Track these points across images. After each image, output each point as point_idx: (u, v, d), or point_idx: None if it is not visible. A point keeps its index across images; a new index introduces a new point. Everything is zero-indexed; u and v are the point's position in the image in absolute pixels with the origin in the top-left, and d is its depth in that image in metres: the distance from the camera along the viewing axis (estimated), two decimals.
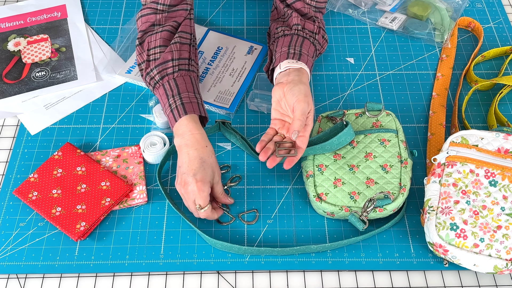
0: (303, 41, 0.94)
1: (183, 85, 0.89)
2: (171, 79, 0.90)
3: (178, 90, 0.88)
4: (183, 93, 0.88)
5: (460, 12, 1.18)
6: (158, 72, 0.90)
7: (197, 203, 0.82)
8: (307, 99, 0.84)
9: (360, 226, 0.81)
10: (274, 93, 0.88)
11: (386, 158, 0.88)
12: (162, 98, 0.90)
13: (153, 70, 0.91)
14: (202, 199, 0.82)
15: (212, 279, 0.82)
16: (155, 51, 0.92)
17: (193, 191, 0.81)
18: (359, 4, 1.20)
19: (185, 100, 0.87)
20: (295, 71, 0.88)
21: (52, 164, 0.92)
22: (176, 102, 0.87)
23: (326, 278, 0.83)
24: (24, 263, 0.83)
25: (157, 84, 0.91)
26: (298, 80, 0.87)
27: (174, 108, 0.87)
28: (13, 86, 1.05)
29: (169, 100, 0.88)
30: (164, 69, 0.90)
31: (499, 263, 0.76)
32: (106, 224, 0.87)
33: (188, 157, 0.83)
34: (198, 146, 0.84)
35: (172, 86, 0.89)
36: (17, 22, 1.17)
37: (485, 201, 0.80)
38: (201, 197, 0.81)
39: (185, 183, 0.82)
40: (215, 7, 1.21)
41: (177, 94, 0.88)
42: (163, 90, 0.90)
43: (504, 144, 0.84)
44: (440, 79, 1.07)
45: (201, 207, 0.82)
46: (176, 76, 0.90)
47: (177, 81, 0.90)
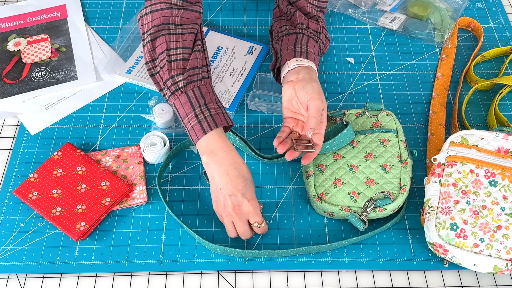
0: (308, 40, 0.94)
1: (207, 95, 0.84)
2: (195, 87, 0.84)
3: (205, 101, 0.83)
4: (209, 103, 0.83)
5: (460, 12, 1.18)
6: (183, 78, 0.83)
7: (254, 221, 0.80)
8: (320, 97, 0.84)
9: (360, 226, 0.81)
10: (285, 92, 0.87)
11: (386, 158, 0.88)
12: (185, 107, 0.83)
13: (179, 75, 0.83)
14: (259, 216, 0.81)
15: (212, 279, 0.82)
16: (177, 52, 0.85)
17: (247, 211, 0.80)
18: (359, 4, 1.20)
19: (212, 111, 0.82)
20: (304, 69, 0.88)
21: (52, 164, 0.92)
22: (204, 113, 0.82)
23: (326, 278, 0.83)
24: (24, 263, 0.83)
25: (179, 91, 0.83)
26: (309, 78, 0.86)
27: (203, 119, 0.81)
28: (13, 86, 1.05)
29: (195, 110, 0.82)
30: (191, 75, 0.84)
31: (499, 263, 0.76)
32: (106, 224, 0.87)
33: (229, 177, 0.79)
34: (236, 165, 0.80)
35: (197, 95, 0.83)
36: (17, 22, 1.17)
37: (485, 201, 0.80)
38: (257, 214, 0.80)
39: (236, 205, 0.79)
40: (215, 7, 1.21)
41: (204, 105, 0.82)
42: (186, 98, 0.83)
43: (504, 144, 0.84)
44: (440, 79, 1.07)
45: (260, 224, 0.81)
46: (200, 84, 0.84)
47: (201, 90, 0.84)
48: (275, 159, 0.93)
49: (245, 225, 0.81)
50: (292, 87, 0.86)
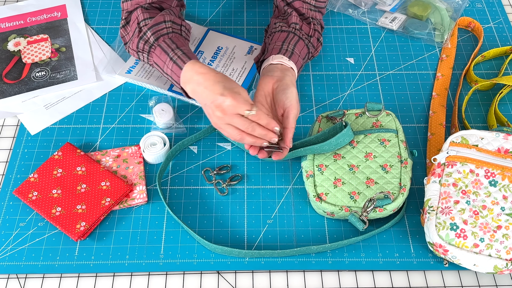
0: (297, 41, 0.94)
1: (179, 42, 0.90)
2: (166, 39, 0.90)
3: (177, 45, 0.89)
4: (182, 46, 0.89)
5: (460, 12, 1.18)
6: (152, 33, 0.90)
7: (242, 111, 0.78)
8: (298, 105, 0.85)
9: (360, 226, 0.81)
10: (262, 86, 0.86)
11: (386, 158, 0.88)
12: (161, 57, 0.89)
13: (147, 32, 0.90)
14: (244, 104, 0.78)
15: (212, 279, 0.82)
16: (146, 22, 0.92)
17: (230, 105, 0.78)
18: (359, 4, 1.20)
19: (186, 51, 0.88)
20: (287, 70, 0.88)
21: (52, 164, 0.92)
22: (177, 53, 0.88)
23: (326, 278, 0.83)
24: (24, 263, 0.83)
25: (152, 47, 0.91)
26: (290, 81, 0.86)
27: (177, 58, 0.87)
28: (13, 86, 1.05)
29: (169, 54, 0.88)
30: (158, 30, 0.90)
31: (499, 263, 0.76)
32: (106, 224, 0.87)
33: (207, 89, 0.81)
34: (209, 77, 0.82)
35: (169, 43, 0.89)
36: (17, 22, 1.17)
37: (485, 201, 0.80)
38: (241, 102, 0.78)
39: (217, 106, 0.79)
40: (215, 7, 1.21)
41: (177, 48, 0.88)
42: (160, 49, 0.89)
43: (504, 144, 0.84)
44: (440, 79, 1.07)
45: (249, 110, 0.78)
46: (171, 36, 0.91)
47: (173, 39, 0.90)
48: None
49: (238, 118, 0.79)
50: (270, 84, 0.86)
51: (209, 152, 0.96)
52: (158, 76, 1.06)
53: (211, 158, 0.96)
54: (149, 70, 1.06)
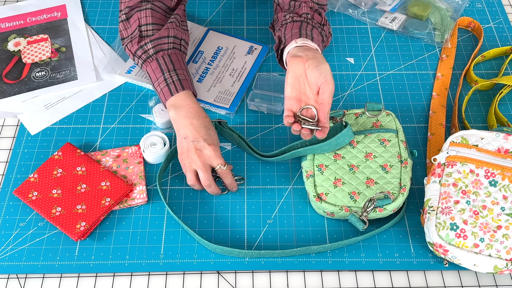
0: (312, 28, 0.93)
1: (177, 63, 0.93)
2: (165, 55, 0.93)
3: (174, 67, 0.92)
4: (178, 70, 0.92)
5: (460, 12, 1.18)
6: (153, 46, 0.93)
7: (216, 163, 0.85)
8: (333, 81, 0.82)
9: (360, 226, 0.81)
10: (293, 68, 0.84)
11: (386, 158, 0.88)
12: (155, 72, 0.92)
13: (148, 44, 0.93)
14: (220, 158, 0.85)
15: (212, 279, 0.82)
16: (148, 28, 0.95)
17: (209, 154, 0.85)
18: (359, 4, 1.20)
19: (181, 76, 0.91)
20: (313, 49, 0.86)
21: (52, 164, 0.92)
22: (173, 77, 0.91)
23: (326, 278, 0.83)
24: (24, 263, 0.83)
25: (150, 58, 0.93)
26: (321, 57, 0.84)
27: (171, 82, 0.90)
28: (13, 86, 1.05)
29: (165, 75, 0.91)
30: (160, 44, 0.93)
31: (499, 263, 0.76)
32: (106, 224, 0.87)
33: (193, 127, 0.86)
34: (199, 117, 0.88)
35: (167, 61, 0.92)
36: (17, 22, 1.17)
37: (485, 201, 0.80)
38: (218, 157, 0.85)
39: (197, 149, 0.85)
40: (215, 7, 1.21)
41: (173, 70, 0.92)
42: (156, 64, 0.92)
43: (504, 144, 0.84)
44: (440, 79, 1.07)
45: (222, 166, 0.85)
46: (171, 53, 0.93)
47: (171, 57, 0.93)
48: (273, 158, 0.93)
49: (205, 170, 0.85)
50: (301, 64, 0.83)
51: None
52: None
53: None
54: None
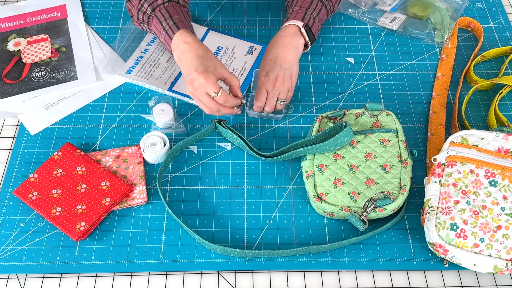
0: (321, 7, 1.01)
1: (173, 11, 0.96)
2: (162, 9, 0.96)
3: (170, 15, 0.95)
4: (174, 16, 0.95)
5: (460, 12, 1.18)
6: (148, 4, 0.96)
7: (210, 92, 0.87)
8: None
9: (360, 226, 0.81)
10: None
11: (386, 158, 0.88)
12: (157, 27, 0.96)
13: (144, 4, 0.96)
14: (212, 86, 0.86)
15: (212, 279, 0.82)
16: None
17: (201, 83, 0.87)
18: (359, 4, 1.20)
19: (176, 20, 0.94)
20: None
21: (52, 164, 0.92)
22: (169, 23, 0.94)
23: (326, 278, 0.83)
24: (24, 263, 0.83)
25: (150, 17, 0.97)
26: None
27: (168, 29, 0.94)
28: (13, 86, 1.05)
29: (163, 24, 0.95)
30: (154, 1, 0.96)
31: (499, 263, 0.76)
32: (106, 224, 0.87)
33: (186, 61, 0.89)
34: (192, 49, 0.89)
35: (163, 13, 0.95)
36: (17, 22, 1.17)
37: (485, 201, 0.80)
38: (210, 84, 0.86)
39: (191, 81, 0.88)
40: (215, 7, 1.21)
41: (169, 18, 0.94)
42: (156, 20, 0.96)
43: (504, 144, 0.84)
44: (440, 79, 1.07)
45: (216, 93, 0.87)
46: (167, 6, 0.96)
47: (168, 9, 0.96)
48: (273, 158, 0.93)
49: (207, 98, 0.88)
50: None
51: (209, 152, 0.96)
52: (158, 76, 1.06)
53: (211, 158, 0.96)
54: (149, 70, 1.07)
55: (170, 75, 1.06)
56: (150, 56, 1.09)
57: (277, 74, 0.95)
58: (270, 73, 0.95)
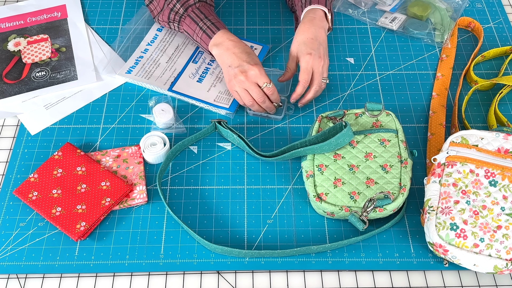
0: None
1: (207, 12, 1.01)
2: (195, 9, 1.00)
3: (205, 15, 1.00)
4: (209, 16, 1.00)
5: (460, 12, 1.18)
6: (181, 5, 1.00)
7: (262, 82, 0.93)
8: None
9: (360, 226, 0.81)
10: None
11: (386, 158, 0.88)
12: (191, 26, 1.01)
13: (176, 4, 1.01)
14: (264, 77, 0.93)
15: (212, 279, 0.83)
16: None
17: (254, 74, 0.93)
18: (359, 4, 1.20)
19: (214, 21, 0.99)
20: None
21: (52, 164, 0.92)
22: (207, 23, 0.99)
23: (326, 278, 0.83)
24: (24, 263, 0.83)
25: (182, 17, 1.01)
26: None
27: (207, 28, 0.99)
28: (13, 86, 1.05)
29: (199, 24, 0.99)
30: (186, 1, 1.00)
31: (499, 263, 0.76)
32: (106, 224, 0.87)
33: (235, 55, 0.94)
34: (239, 46, 0.95)
35: (197, 13, 1.00)
36: (17, 22, 1.17)
37: (485, 201, 0.80)
38: (263, 75, 0.93)
39: (242, 71, 0.93)
40: (215, 7, 1.21)
41: (205, 18, 0.99)
42: (190, 19, 1.00)
43: (504, 144, 0.84)
44: (440, 79, 1.07)
45: (267, 83, 0.93)
46: (199, 6, 1.01)
47: (201, 9, 1.00)
48: (273, 158, 0.93)
49: (256, 87, 0.93)
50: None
51: (209, 152, 0.96)
52: (158, 76, 1.06)
53: (211, 158, 0.96)
54: (149, 70, 1.07)
55: (170, 75, 1.06)
56: (150, 56, 1.09)
57: (321, 51, 0.95)
58: (314, 51, 0.94)
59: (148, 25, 1.15)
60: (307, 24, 0.97)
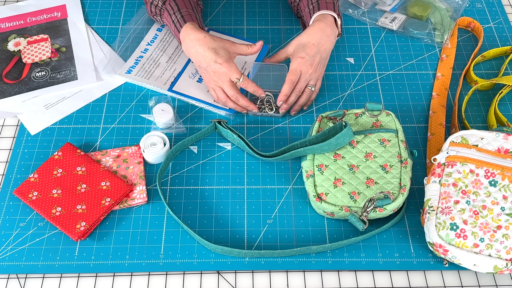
0: None
1: (181, 3, 1.00)
2: (171, 1, 1.00)
3: (178, 7, 0.99)
4: (182, 9, 0.99)
5: (460, 12, 1.18)
6: None
7: (234, 77, 0.92)
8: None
9: (360, 226, 0.81)
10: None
11: (386, 158, 0.88)
12: (167, 19, 1.01)
13: None
14: (235, 72, 0.92)
15: (212, 279, 0.83)
16: None
17: (224, 71, 0.92)
18: (359, 4, 1.20)
19: (184, 13, 0.98)
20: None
21: (52, 164, 0.92)
22: (177, 16, 0.98)
23: (326, 278, 0.83)
24: (24, 263, 0.83)
25: (161, 10, 1.02)
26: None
27: (176, 22, 0.98)
28: (13, 86, 1.05)
29: (172, 18, 0.99)
30: None
31: (499, 263, 0.76)
32: (106, 224, 0.87)
33: (199, 54, 0.93)
34: (199, 41, 0.93)
35: (172, 5, 1.00)
36: (17, 22, 1.17)
37: (485, 201, 0.80)
38: (232, 71, 0.92)
39: (214, 71, 0.93)
40: (215, 7, 1.21)
41: (177, 11, 0.99)
42: (167, 13, 1.01)
43: (504, 144, 0.84)
44: (440, 79, 1.07)
45: (238, 78, 0.93)
46: None
47: (177, 2, 1.00)
48: (273, 158, 0.93)
49: (228, 84, 0.94)
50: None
51: (209, 152, 0.96)
52: (158, 76, 1.06)
53: (211, 158, 0.96)
54: (149, 70, 1.07)
55: (170, 75, 1.06)
56: (150, 56, 1.09)
57: (315, 60, 0.94)
58: (308, 56, 0.94)
59: (148, 25, 1.15)
60: (316, 29, 0.95)
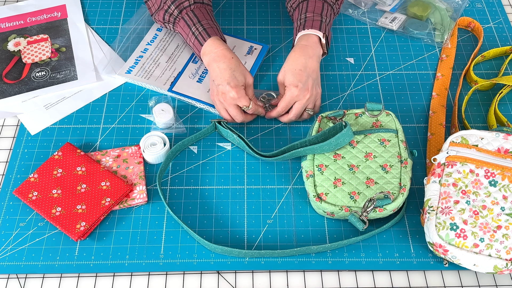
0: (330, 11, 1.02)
1: (201, 15, 0.99)
2: (189, 11, 0.99)
3: (198, 19, 0.98)
4: (202, 20, 0.98)
5: (460, 12, 1.18)
6: (175, 7, 0.99)
7: (242, 105, 0.93)
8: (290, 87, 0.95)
9: (360, 226, 0.81)
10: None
11: (386, 158, 0.88)
12: (184, 30, 1.00)
13: (171, 6, 1.00)
14: (243, 100, 0.93)
15: (212, 279, 0.83)
16: None
17: (232, 97, 0.92)
18: (359, 4, 1.20)
19: (206, 26, 0.98)
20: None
21: (52, 164, 0.92)
22: (199, 29, 0.97)
23: (326, 278, 0.83)
24: (24, 263, 0.83)
25: (176, 19, 1.01)
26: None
27: (198, 34, 0.97)
28: (13, 86, 1.05)
29: (192, 29, 0.98)
30: (181, 3, 0.99)
31: (499, 263, 0.76)
32: (106, 224, 0.87)
33: (219, 70, 0.93)
34: (225, 59, 0.93)
35: (191, 16, 0.99)
36: (17, 22, 1.17)
37: (485, 201, 0.80)
38: (241, 98, 0.92)
39: (222, 92, 0.93)
40: (215, 7, 1.21)
41: (198, 22, 0.98)
42: (183, 22, 0.99)
43: (504, 144, 0.84)
44: (440, 79, 1.07)
45: (247, 106, 0.94)
46: (193, 8, 0.99)
47: (195, 12, 0.99)
48: (273, 158, 0.93)
49: (235, 109, 0.94)
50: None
51: (209, 152, 0.96)
52: (158, 76, 1.06)
53: (211, 158, 0.96)
54: (149, 70, 1.07)
55: (170, 75, 1.06)
56: (150, 56, 1.09)
57: (309, 84, 0.93)
58: (302, 84, 0.92)
59: (148, 25, 1.15)
60: (298, 53, 0.94)
